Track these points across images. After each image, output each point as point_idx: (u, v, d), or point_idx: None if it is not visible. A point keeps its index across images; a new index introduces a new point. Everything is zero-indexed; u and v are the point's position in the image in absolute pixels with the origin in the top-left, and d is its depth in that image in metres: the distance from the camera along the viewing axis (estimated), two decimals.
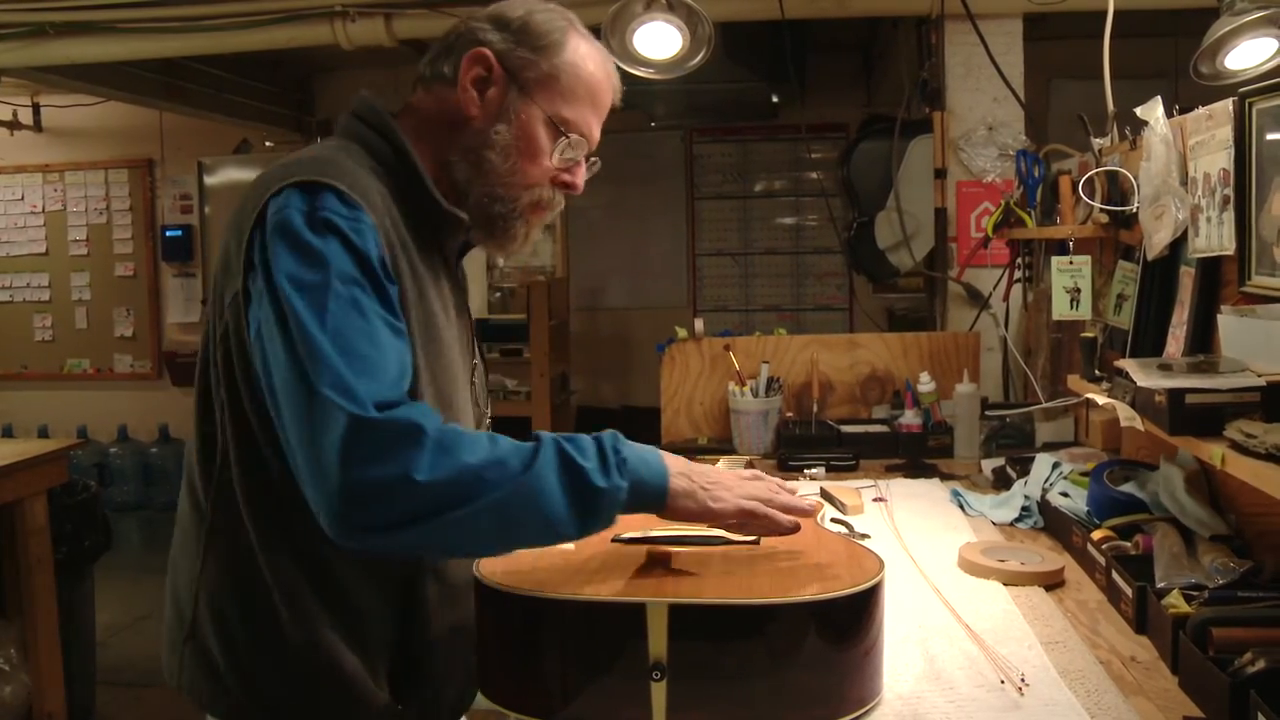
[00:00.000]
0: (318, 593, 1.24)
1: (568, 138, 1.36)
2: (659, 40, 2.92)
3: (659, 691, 1.16)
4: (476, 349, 1.48)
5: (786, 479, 2.53)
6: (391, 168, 1.31)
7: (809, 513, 1.36)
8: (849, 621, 1.21)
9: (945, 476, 2.56)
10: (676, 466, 1.25)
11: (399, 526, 1.06)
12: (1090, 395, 2.01)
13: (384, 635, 1.28)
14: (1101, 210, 2.24)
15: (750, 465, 2.09)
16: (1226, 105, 1.70)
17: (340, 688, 1.25)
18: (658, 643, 1.16)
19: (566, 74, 1.35)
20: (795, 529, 1.33)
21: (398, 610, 1.28)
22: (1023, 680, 1.34)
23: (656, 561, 1.30)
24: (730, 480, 1.31)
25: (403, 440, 1.05)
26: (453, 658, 1.33)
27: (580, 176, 1.42)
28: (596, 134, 1.40)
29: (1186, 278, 1.91)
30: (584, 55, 1.37)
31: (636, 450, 1.21)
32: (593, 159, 1.43)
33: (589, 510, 1.14)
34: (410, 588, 1.28)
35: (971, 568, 1.80)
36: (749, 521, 1.30)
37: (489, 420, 1.50)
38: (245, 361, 1.18)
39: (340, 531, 1.06)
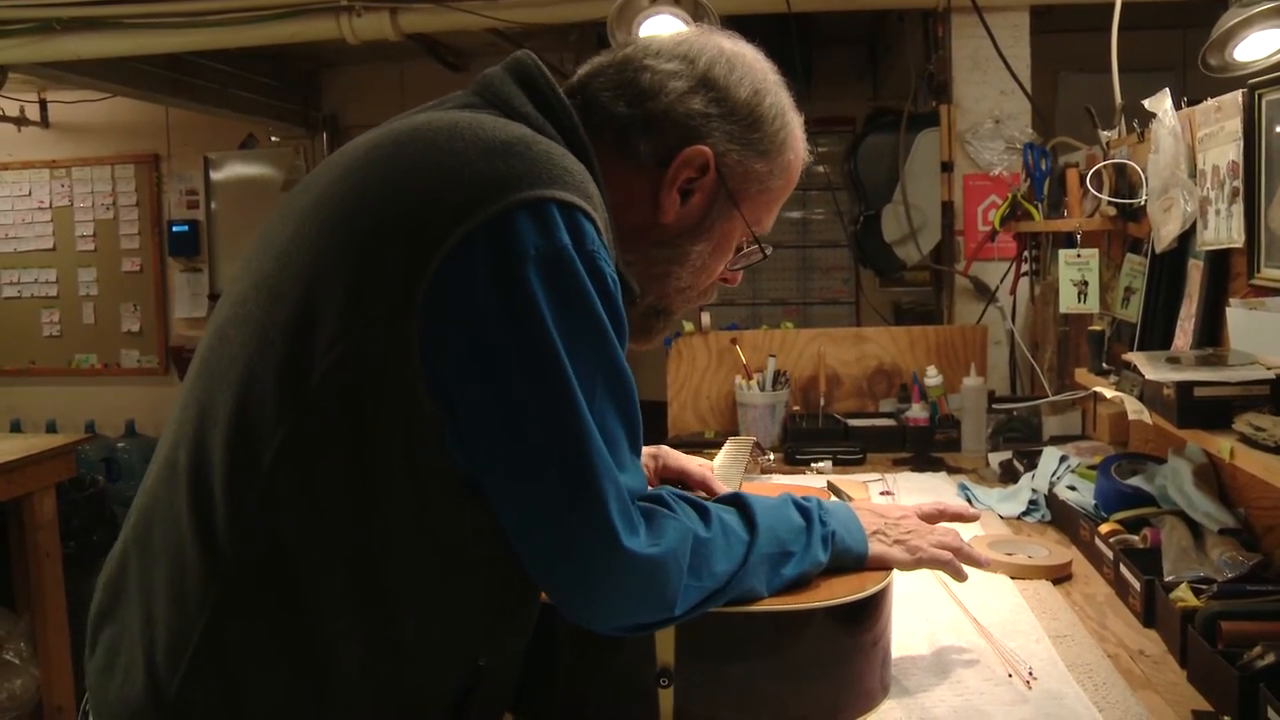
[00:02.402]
0: (383, 676, 0.97)
1: (762, 250, 1.17)
2: (664, 33, 2.92)
3: (666, 698, 1.16)
4: None
5: (792, 472, 2.55)
6: None
7: (982, 565, 1.37)
8: (857, 626, 1.21)
9: (952, 470, 2.56)
10: (871, 525, 1.27)
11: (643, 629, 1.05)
12: (1098, 388, 2.01)
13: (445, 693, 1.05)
14: (1109, 203, 2.23)
15: (756, 445, 2.08)
16: (1236, 97, 1.69)
17: None
18: (665, 649, 1.15)
19: (781, 178, 1.13)
20: (965, 579, 1.33)
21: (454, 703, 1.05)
22: (1030, 674, 1.33)
23: None
24: (924, 529, 1.32)
25: (664, 576, 0.97)
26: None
27: (740, 274, 1.24)
28: None
29: (1195, 271, 1.90)
30: (798, 148, 1.14)
31: (840, 519, 1.23)
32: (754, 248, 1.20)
33: (783, 584, 1.16)
34: (470, 688, 1.06)
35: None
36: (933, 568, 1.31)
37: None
38: (397, 397, 0.90)
39: (590, 626, 1.00)
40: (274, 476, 0.92)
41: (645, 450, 1.44)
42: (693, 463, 1.58)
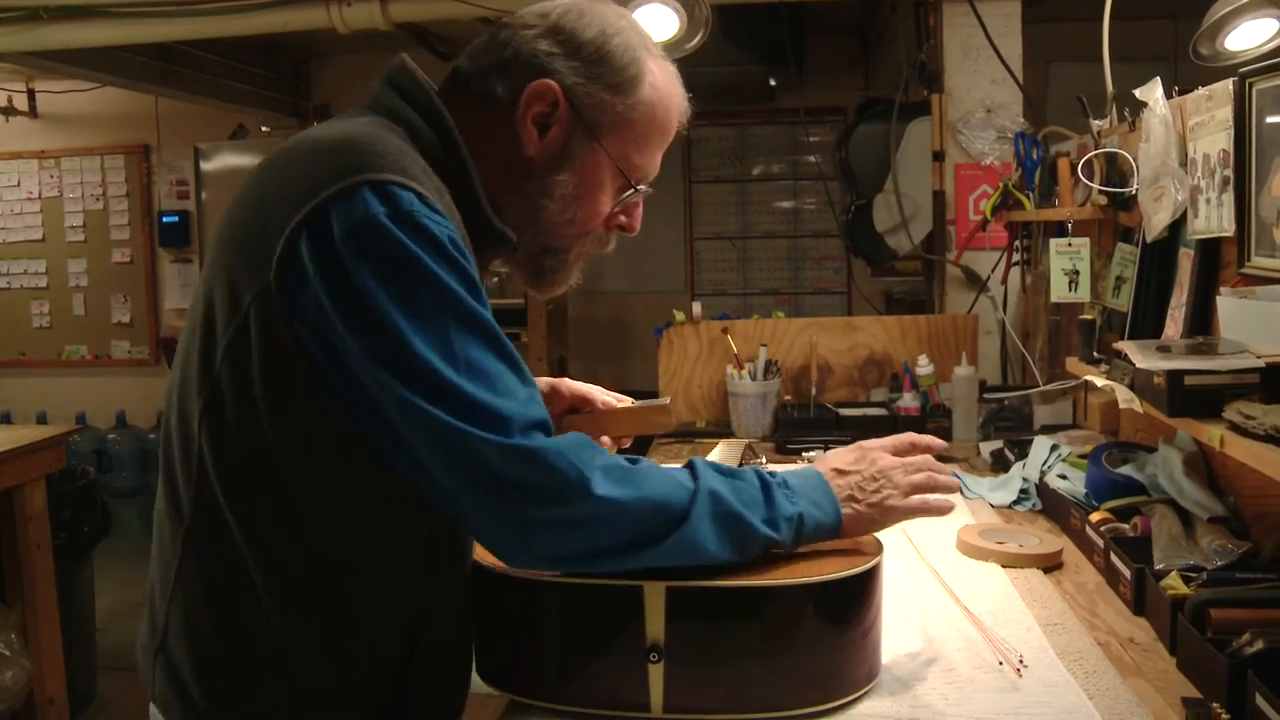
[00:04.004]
0: (321, 623, 1.12)
1: (635, 188, 1.24)
2: (656, 22, 2.91)
3: (656, 674, 1.16)
4: None
5: (784, 462, 2.56)
6: (439, 163, 1.13)
7: (954, 488, 1.34)
8: (847, 603, 1.21)
9: (943, 459, 2.55)
10: (842, 490, 1.25)
11: (578, 560, 1.09)
12: (1089, 377, 2.01)
13: (377, 680, 1.16)
14: (1100, 192, 2.23)
15: (749, 449, 2.08)
16: (1226, 86, 1.69)
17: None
18: (655, 625, 1.16)
19: (642, 115, 1.21)
20: (950, 510, 1.32)
21: (398, 654, 1.16)
22: (1021, 662, 1.34)
23: None
24: (897, 476, 1.29)
25: (571, 470, 1.03)
26: (439, 711, 1.25)
27: (637, 217, 1.30)
28: (659, 167, 1.28)
29: (1185, 259, 1.91)
30: (660, 88, 1.22)
31: (809, 495, 1.22)
32: (648, 189, 1.29)
33: (751, 550, 1.16)
34: (415, 636, 1.17)
35: (970, 550, 1.80)
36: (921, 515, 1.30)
37: None
38: (271, 359, 1.04)
39: (521, 564, 1.09)
40: (201, 446, 1.09)
41: (542, 381, 1.45)
42: (592, 388, 1.55)
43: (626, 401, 1.53)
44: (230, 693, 1.13)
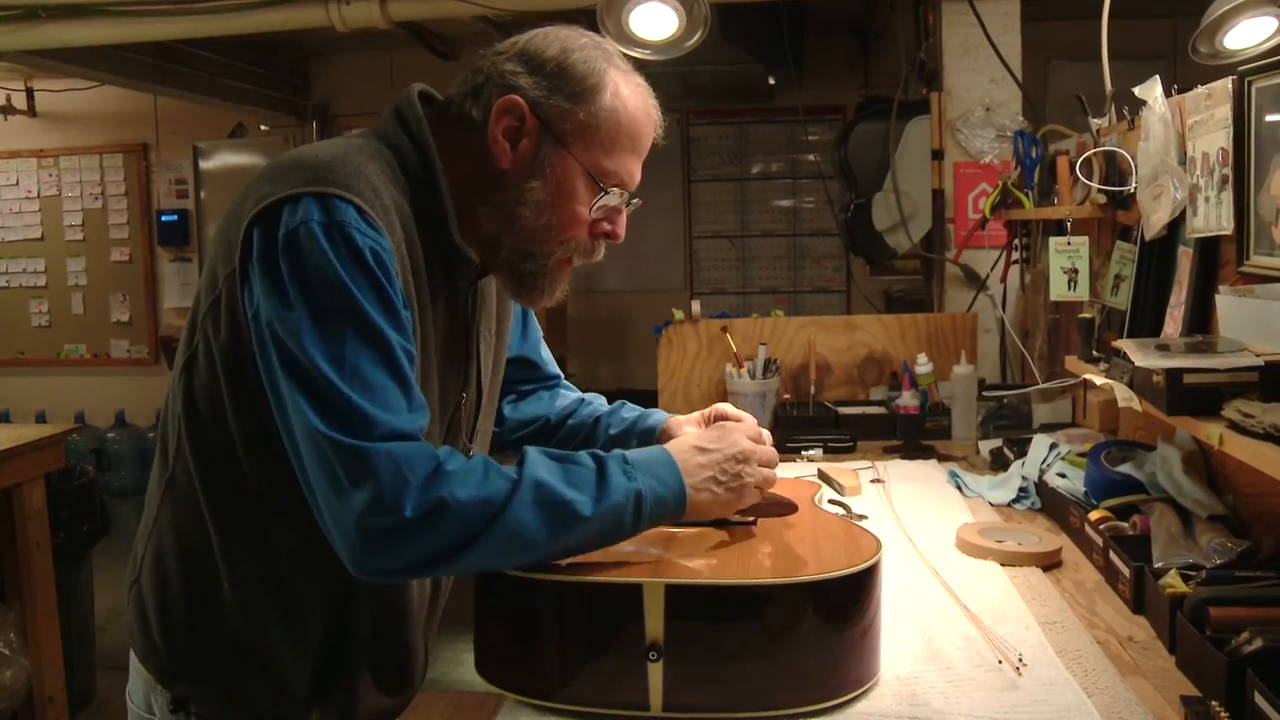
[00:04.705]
0: (261, 574, 1.23)
1: (606, 192, 1.28)
2: (655, 21, 2.91)
3: (656, 672, 1.17)
4: (478, 381, 1.40)
5: (783, 460, 2.55)
6: (417, 183, 1.25)
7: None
8: (846, 602, 1.21)
9: (943, 458, 2.56)
10: (700, 472, 1.26)
11: (408, 570, 1.12)
12: (1088, 376, 2.01)
13: (315, 633, 1.26)
14: (1099, 191, 2.23)
15: None
16: (1225, 84, 1.69)
17: (263, 674, 1.25)
18: (654, 624, 1.16)
19: (606, 121, 1.27)
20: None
21: (335, 611, 1.26)
22: (1020, 660, 1.34)
23: (654, 542, 1.30)
24: (754, 463, 1.31)
25: (389, 479, 1.07)
26: (383, 671, 1.33)
27: (621, 225, 1.34)
28: (638, 176, 1.33)
29: (1185, 258, 1.91)
30: (625, 97, 1.28)
31: (647, 465, 1.23)
32: (634, 200, 1.35)
33: (581, 531, 1.16)
34: (351, 594, 1.26)
35: (969, 548, 1.80)
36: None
37: (469, 454, 1.38)
38: (232, 336, 1.17)
39: (357, 572, 1.10)
40: (180, 401, 1.23)
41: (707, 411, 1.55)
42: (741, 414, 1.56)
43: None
44: (183, 635, 1.26)
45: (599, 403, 1.67)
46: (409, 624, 1.34)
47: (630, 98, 1.29)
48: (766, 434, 1.41)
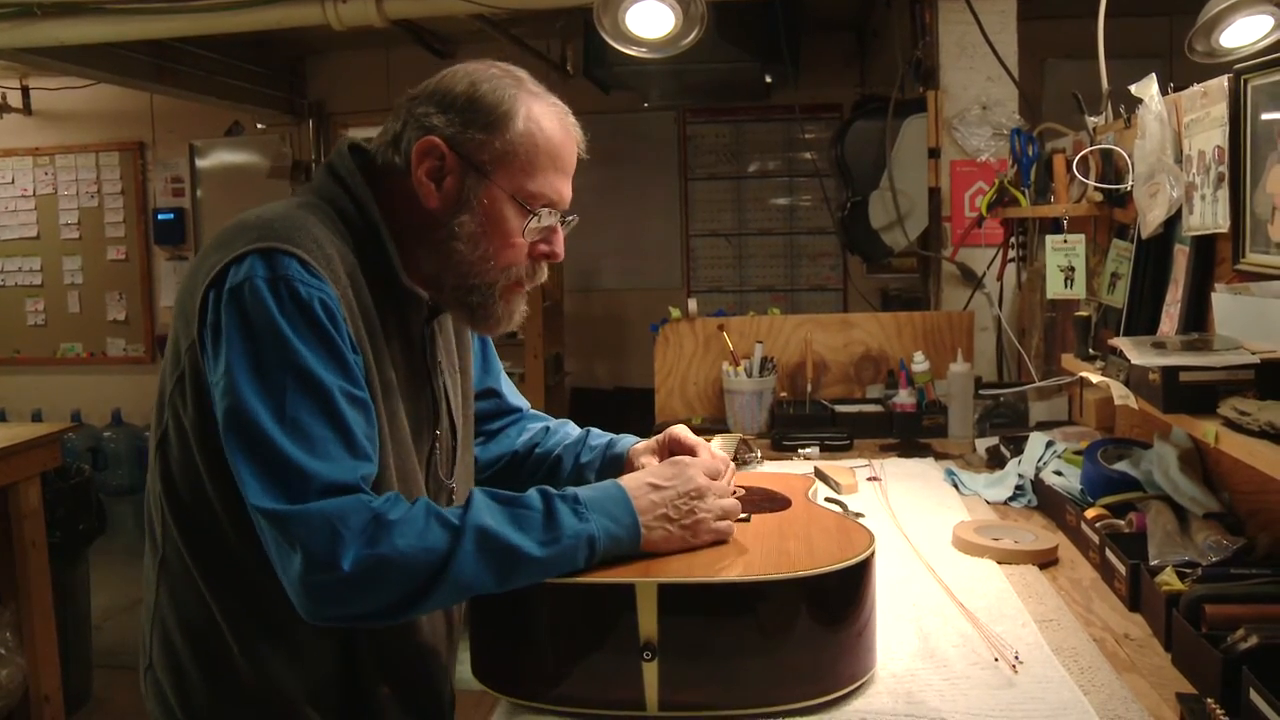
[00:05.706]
0: (268, 633, 1.24)
1: (536, 214, 1.30)
2: (651, 19, 2.91)
3: (650, 671, 1.17)
4: (449, 417, 1.43)
5: (780, 458, 2.56)
6: (359, 232, 1.28)
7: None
8: (840, 598, 1.22)
9: (939, 456, 2.56)
10: (654, 509, 1.27)
11: (365, 619, 1.15)
12: (1084, 374, 2.01)
13: (329, 675, 1.28)
14: (1096, 189, 2.23)
15: (743, 442, 2.08)
16: (1221, 82, 1.69)
17: None
18: (648, 623, 1.16)
19: (524, 145, 1.29)
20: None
21: (342, 653, 1.28)
22: (1016, 658, 1.34)
23: None
24: (710, 499, 1.32)
25: (323, 536, 1.09)
26: (402, 690, 1.34)
27: (559, 244, 1.37)
28: (568, 194, 1.35)
29: (1181, 256, 1.91)
30: (538, 118, 1.30)
31: (600, 504, 1.24)
32: (570, 217, 1.37)
33: (529, 574, 1.18)
34: (351, 634, 1.28)
35: (966, 546, 1.80)
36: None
37: (452, 491, 1.44)
38: (199, 409, 1.19)
39: (312, 621, 1.14)
40: (158, 482, 1.26)
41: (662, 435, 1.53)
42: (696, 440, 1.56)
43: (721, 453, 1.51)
44: (205, 711, 1.27)
45: (566, 429, 1.68)
46: (424, 658, 1.36)
47: (544, 118, 1.31)
48: (728, 464, 1.42)
